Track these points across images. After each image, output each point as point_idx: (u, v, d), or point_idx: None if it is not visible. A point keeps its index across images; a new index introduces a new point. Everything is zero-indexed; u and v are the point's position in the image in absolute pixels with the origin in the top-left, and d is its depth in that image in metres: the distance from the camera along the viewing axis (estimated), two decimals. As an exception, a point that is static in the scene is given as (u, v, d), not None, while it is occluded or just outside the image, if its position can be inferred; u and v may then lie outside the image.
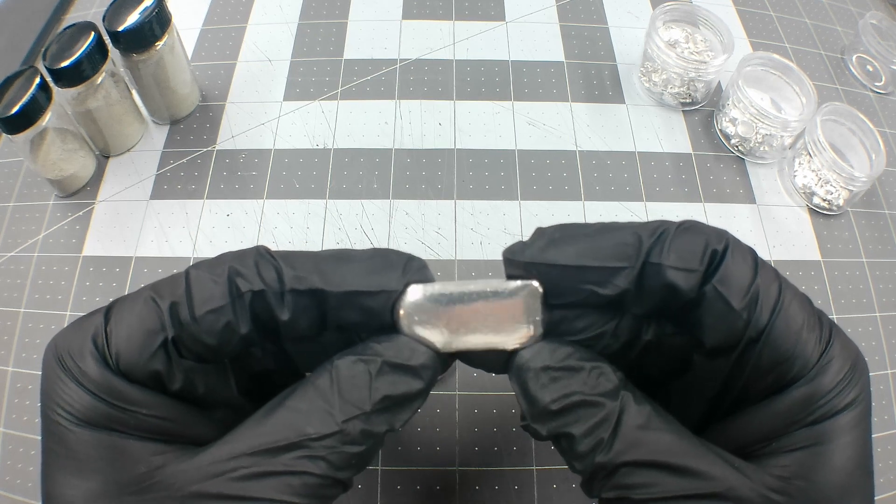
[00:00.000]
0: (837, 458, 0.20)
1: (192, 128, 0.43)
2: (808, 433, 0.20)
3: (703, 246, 0.21)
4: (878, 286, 0.39)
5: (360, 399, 0.20)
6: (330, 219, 0.40)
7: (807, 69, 0.48)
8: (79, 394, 0.20)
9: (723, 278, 0.21)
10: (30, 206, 0.41)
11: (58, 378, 0.20)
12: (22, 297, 0.38)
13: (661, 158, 0.43)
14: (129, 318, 0.21)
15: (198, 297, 0.21)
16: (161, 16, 0.38)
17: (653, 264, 0.21)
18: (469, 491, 0.32)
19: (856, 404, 0.20)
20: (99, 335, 0.20)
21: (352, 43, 0.48)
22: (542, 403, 0.21)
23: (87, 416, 0.20)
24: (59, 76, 0.37)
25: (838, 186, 0.40)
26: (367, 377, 0.21)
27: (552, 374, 0.21)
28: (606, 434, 0.20)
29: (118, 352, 0.20)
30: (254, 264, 0.21)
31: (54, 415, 0.20)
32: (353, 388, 0.20)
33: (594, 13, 0.50)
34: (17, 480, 0.33)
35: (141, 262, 0.38)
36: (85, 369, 0.20)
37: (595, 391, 0.21)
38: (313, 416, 0.20)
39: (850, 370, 0.21)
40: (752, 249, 0.22)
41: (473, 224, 0.40)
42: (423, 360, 0.21)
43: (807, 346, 0.20)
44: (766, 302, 0.21)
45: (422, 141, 0.43)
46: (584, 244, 0.22)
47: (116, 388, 0.20)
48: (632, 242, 0.21)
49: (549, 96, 0.45)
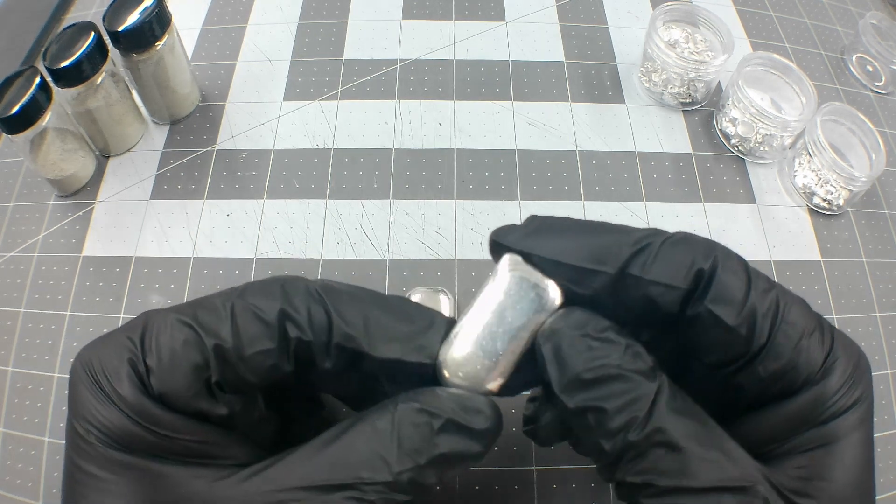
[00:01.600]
0: (849, 456, 0.20)
1: (192, 128, 0.43)
2: (817, 433, 0.20)
3: (689, 263, 0.20)
4: (878, 286, 0.39)
5: (418, 452, 0.20)
6: (330, 219, 0.40)
7: (807, 69, 0.48)
8: (117, 416, 0.19)
9: (715, 297, 0.20)
10: (30, 206, 0.41)
11: (91, 396, 0.20)
12: (22, 297, 0.38)
13: (661, 158, 0.43)
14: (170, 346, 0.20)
15: (245, 337, 0.20)
16: (161, 16, 0.38)
17: (633, 276, 0.21)
18: (469, 491, 0.32)
19: (861, 401, 0.20)
20: (138, 362, 0.20)
21: (352, 43, 0.48)
22: (575, 371, 0.20)
23: (123, 440, 0.20)
24: (59, 76, 0.37)
25: (838, 186, 0.40)
26: (430, 431, 0.20)
27: (589, 342, 0.20)
28: (642, 412, 0.19)
29: (160, 382, 0.20)
30: (305, 308, 0.21)
31: (88, 435, 0.20)
32: (412, 440, 0.20)
33: (594, 13, 0.50)
34: (18, 480, 0.33)
35: (141, 262, 0.38)
36: (123, 394, 0.20)
37: (633, 367, 0.20)
38: (369, 460, 0.20)
39: (853, 371, 0.21)
40: (743, 261, 0.21)
41: (473, 224, 0.40)
42: (488, 424, 0.21)
43: (810, 353, 0.20)
44: (763, 316, 0.20)
45: (422, 141, 0.43)
46: (566, 240, 0.22)
47: (156, 415, 0.20)
48: (612, 249, 0.21)
49: (549, 96, 0.45)
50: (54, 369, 0.35)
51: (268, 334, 0.20)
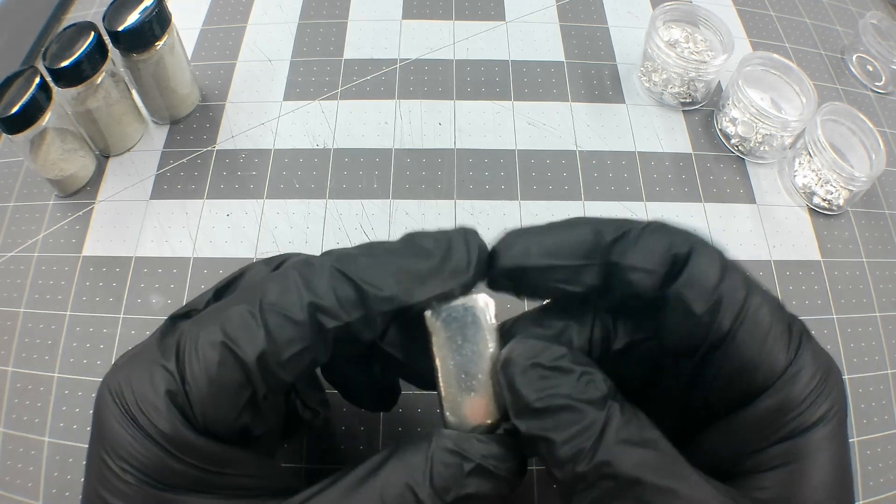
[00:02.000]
0: (816, 476, 0.19)
1: (192, 128, 0.43)
2: (783, 449, 0.20)
3: (666, 248, 0.21)
4: (878, 286, 0.39)
5: (446, 490, 0.20)
6: (330, 219, 0.40)
7: (807, 69, 0.48)
8: (156, 454, 0.19)
9: (686, 282, 0.20)
10: (30, 206, 0.41)
11: (123, 430, 0.19)
12: (22, 297, 0.38)
13: (661, 158, 0.43)
14: (208, 371, 0.20)
15: (281, 342, 0.20)
16: (161, 16, 0.38)
17: (613, 263, 0.21)
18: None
19: (830, 417, 0.20)
20: (178, 390, 0.19)
21: (352, 43, 0.48)
22: (526, 399, 0.20)
23: (163, 477, 0.19)
24: (59, 76, 0.37)
25: (838, 186, 0.40)
26: (460, 473, 0.20)
27: (541, 371, 0.21)
28: (588, 444, 0.19)
29: (204, 410, 0.19)
30: (331, 292, 0.20)
31: (118, 469, 0.19)
32: (444, 478, 0.20)
33: (594, 13, 0.50)
34: (18, 480, 0.33)
35: (141, 262, 0.38)
36: (164, 429, 0.19)
37: (582, 397, 0.20)
38: (402, 496, 0.20)
39: (821, 380, 0.20)
40: (721, 252, 0.21)
41: (473, 224, 0.40)
42: (514, 469, 0.21)
43: (772, 354, 0.20)
44: (729, 307, 0.20)
45: (422, 141, 0.43)
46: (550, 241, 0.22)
47: (199, 448, 0.19)
48: (592, 239, 0.21)
49: (549, 96, 0.45)
50: (54, 369, 0.35)
51: (302, 333, 0.20)
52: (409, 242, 0.22)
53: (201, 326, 0.20)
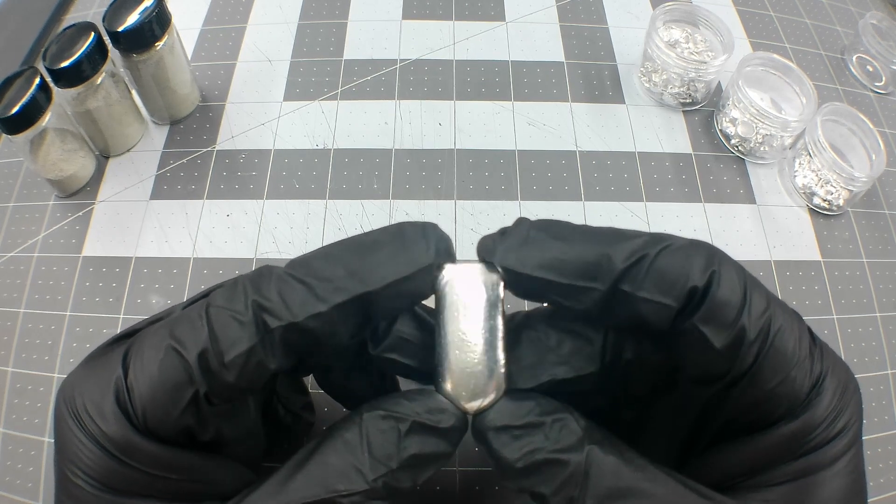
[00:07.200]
0: (828, 489, 0.19)
1: (192, 128, 0.43)
2: (797, 466, 0.19)
3: (684, 279, 0.19)
4: (878, 286, 0.39)
5: (389, 457, 0.20)
6: (330, 219, 0.40)
7: (807, 69, 0.48)
8: (101, 458, 0.19)
9: (706, 317, 0.19)
10: (30, 207, 0.41)
11: (75, 438, 0.19)
12: (22, 297, 0.38)
13: (661, 158, 0.43)
14: (150, 370, 0.19)
15: (224, 342, 0.20)
16: (161, 16, 0.38)
17: (624, 292, 0.20)
18: (469, 491, 0.32)
19: (847, 429, 0.19)
20: (121, 391, 0.19)
21: (352, 43, 0.48)
22: (507, 462, 0.20)
23: (112, 482, 0.19)
24: (59, 76, 0.37)
25: (838, 186, 0.40)
26: (397, 435, 0.20)
27: (513, 432, 0.20)
28: (576, 492, 0.19)
29: (144, 409, 0.19)
30: (277, 293, 0.20)
31: (74, 477, 0.19)
32: (382, 446, 0.20)
33: (594, 13, 0.50)
34: (17, 480, 0.33)
35: (141, 262, 0.38)
36: (108, 432, 0.19)
37: (558, 446, 0.20)
38: (343, 472, 0.20)
39: (840, 396, 0.20)
40: (742, 275, 0.20)
41: (473, 224, 0.40)
42: (453, 422, 0.21)
43: (794, 384, 0.19)
44: (751, 343, 0.19)
45: (422, 141, 0.43)
46: (555, 252, 0.21)
47: (144, 451, 0.19)
48: (604, 263, 0.20)
49: (549, 96, 0.45)
50: (54, 369, 0.35)
51: (246, 333, 0.20)
52: (361, 237, 0.22)
53: (151, 331, 0.21)
